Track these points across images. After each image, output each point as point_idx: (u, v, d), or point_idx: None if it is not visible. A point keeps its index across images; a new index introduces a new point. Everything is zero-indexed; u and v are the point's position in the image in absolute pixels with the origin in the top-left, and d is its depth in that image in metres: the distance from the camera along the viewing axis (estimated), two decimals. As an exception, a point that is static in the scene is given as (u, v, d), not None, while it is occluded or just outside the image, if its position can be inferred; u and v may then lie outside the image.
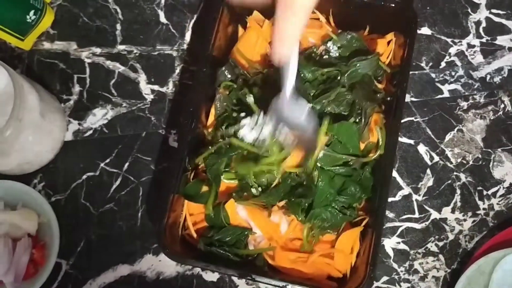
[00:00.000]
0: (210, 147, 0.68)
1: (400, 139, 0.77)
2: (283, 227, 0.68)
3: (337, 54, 0.72)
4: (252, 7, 0.73)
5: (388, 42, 0.75)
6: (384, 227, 0.72)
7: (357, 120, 0.68)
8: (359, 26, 0.76)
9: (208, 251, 0.66)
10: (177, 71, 0.80)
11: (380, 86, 0.72)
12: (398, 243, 0.74)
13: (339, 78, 0.69)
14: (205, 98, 0.71)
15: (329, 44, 0.72)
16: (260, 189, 0.67)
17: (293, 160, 0.66)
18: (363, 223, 0.67)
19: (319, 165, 0.66)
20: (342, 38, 0.72)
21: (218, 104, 0.71)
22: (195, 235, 0.68)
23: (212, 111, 0.71)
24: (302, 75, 0.69)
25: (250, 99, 0.68)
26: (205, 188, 0.68)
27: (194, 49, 0.81)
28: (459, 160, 0.77)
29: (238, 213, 0.67)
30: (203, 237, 0.67)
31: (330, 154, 0.66)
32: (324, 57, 0.72)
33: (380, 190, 0.66)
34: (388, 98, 0.71)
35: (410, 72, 0.79)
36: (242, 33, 0.76)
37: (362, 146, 0.68)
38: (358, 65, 0.70)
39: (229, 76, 0.72)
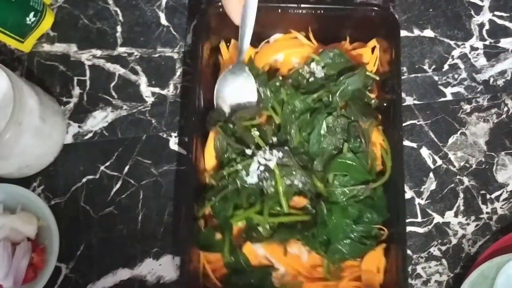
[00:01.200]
0: (213, 196, 0.66)
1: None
2: (304, 257, 0.66)
3: (323, 74, 0.71)
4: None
5: (372, 49, 0.74)
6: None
7: (358, 142, 0.67)
8: (340, 37, 0.75)
9: None
10: (178, 73, 0.80)
11: (372, 95, 0.71)
12: (401, 247, 0.74)
13: (330, 99, 0.68)
14: (201, 138, 0.69)
15: (313, 65, 0.70)
16: (268, 226, 0.66)
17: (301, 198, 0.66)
18: (384, 237, 0.66)
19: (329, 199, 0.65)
20: (324, 57, 0.70)
21: (217, 144, 0.68)
22: (218, 283, 0.66)
23: (210, 151, 0.69)
24: (291, 106, 0.68)
25: (256, 133, 0.66)
26: (218, 235, 0.66)
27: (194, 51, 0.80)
28: (462, 163, 0.76)
29: (257, 251, 0.66)
30: (227, 285, 0.66)
31: (337, 190, 0.65)
32: (310, 79, 0.71)
33: (396, 206, 0.65)
34: (385, 104, 0.70)
35: (413, 75, 0.79)
36: (222, 63, 0.75)
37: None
38: (347, 82, 0.68)
39: (224, 112, 0.69)
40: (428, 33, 0.81)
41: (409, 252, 0.73)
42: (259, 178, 0.65)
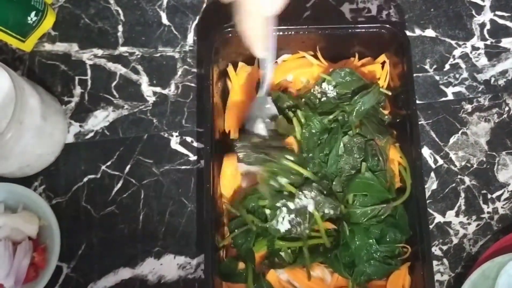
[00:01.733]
0: (236, 229, 0.66)
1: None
2: (328, 279, 0.67)
3: (335, 93, 0.70)
4: None
5: (382, 63, 0.73)
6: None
7: (375, 161, 0.66)
8: (348, 54, 0.75)
9: None
10: (179, 73, 0.80)
11: (385, 112, 0.71)
12: (402, 247, 0.74)
13: (345, 118, 0.68)
14: (217, 165, 0.69)
15: (324, 85, 0.70)
16: (289, 251, 0.66)
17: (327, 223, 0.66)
18: (407, 255, 0.66)
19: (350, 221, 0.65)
20: (336, 76, 0.70)
21: (244, 183, 0.68)
22: None
23: (227, 177, 0.68)
24: (311, 125, 0.67)
25: (283, 180, 0.65)
26: (240, 265, 0.66)
27: (196, 51, 0.80)
28: (463, 163, 0.77)
29: (280, 277, 0.66)
30: None
31: (358, 210, 0.65)
32: (322, 99, 0.70)
33: (419, 224, 0.64)
34: (398, 120, 0.70)
35: (414, 75, 0.79)
36: (231, 86, 0.74)
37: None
38: (361, 101, 0.68)
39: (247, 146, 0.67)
40: (430, 32, 0.81)
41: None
42: (291, 224, 0.64)
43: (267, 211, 0.65)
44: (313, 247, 0.66)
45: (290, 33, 0.70)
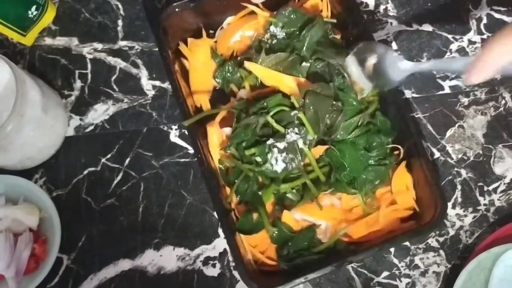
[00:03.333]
0: (235, 179, 0.69)
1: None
2: (337, 204, 0.70)
3: (283, 34, 0.73)
4: None
5: None
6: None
7: (341, 79, 0.69)
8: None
9: (292, 267, 0.67)
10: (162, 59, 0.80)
11: (337, 37, 0.74)
12: (399, 238, 0.74)
13: (300, 55, 0.71)
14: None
15: (272, 28, 0.73)
16: (295, 191, 0.68)
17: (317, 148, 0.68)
18: (401, 155, 0.70)
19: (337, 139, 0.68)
20: (281, 17, 0.73)
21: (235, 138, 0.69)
22: (272, 262, 0.68)
23: (214, 144, 0.70)
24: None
25: (271, 119, 0.66)
26: (254, 216, 0.67)
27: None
28: (460, 156, 0.77)
29: (294, 216, 0.68)
30: (280, 258, 0.68)
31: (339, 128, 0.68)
32: (273, 42, 0.73)
33: (404, 122, 0.68)
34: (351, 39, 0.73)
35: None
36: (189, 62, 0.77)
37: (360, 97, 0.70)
38: (308, 35, 0.71)
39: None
40: (426, 27, 0.82)
41: (407, 243, 0.74)
42: (285, 162, 0.66)
43: (258, 158, 0.66)
44: (314, 180, 0.68)
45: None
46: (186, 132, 0.76)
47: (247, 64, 0.70)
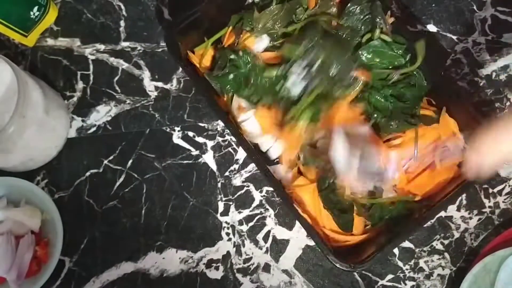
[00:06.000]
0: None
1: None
2: (395, 174, 0.69)
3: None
4: None
5: None
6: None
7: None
8: None
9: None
10: (181, 68, 0.80)
11: None
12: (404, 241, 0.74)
13: None
14: None
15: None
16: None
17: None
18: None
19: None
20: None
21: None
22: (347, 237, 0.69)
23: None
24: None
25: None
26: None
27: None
28: (464, 158, 0.77)
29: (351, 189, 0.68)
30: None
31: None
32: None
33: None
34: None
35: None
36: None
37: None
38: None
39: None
40: (431, 28, 0.81)
41: (411, 246, 0.74)
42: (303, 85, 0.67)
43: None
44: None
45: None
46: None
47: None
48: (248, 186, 0.75)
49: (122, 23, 0.82)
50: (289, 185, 0.71)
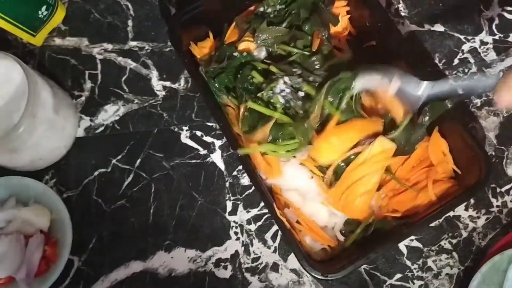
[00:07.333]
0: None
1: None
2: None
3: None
4: None
5: None
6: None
7: None
8: None
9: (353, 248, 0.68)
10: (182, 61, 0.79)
11: None
12: (411, 240, 0.74)
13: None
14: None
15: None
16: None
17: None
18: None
19: None
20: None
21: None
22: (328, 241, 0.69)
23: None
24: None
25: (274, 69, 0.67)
26: None
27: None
28: (472, 157, 0.77)
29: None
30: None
31: None
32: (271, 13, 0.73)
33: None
34: None
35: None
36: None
37: None
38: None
39: None
40: (438, 27, 0.81)
41: (420, 245, 0.74)
42: (286, 99, 0.66)
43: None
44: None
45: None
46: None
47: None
48: (256, 186, 0.75)
49: (129, 22, 0.82)
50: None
